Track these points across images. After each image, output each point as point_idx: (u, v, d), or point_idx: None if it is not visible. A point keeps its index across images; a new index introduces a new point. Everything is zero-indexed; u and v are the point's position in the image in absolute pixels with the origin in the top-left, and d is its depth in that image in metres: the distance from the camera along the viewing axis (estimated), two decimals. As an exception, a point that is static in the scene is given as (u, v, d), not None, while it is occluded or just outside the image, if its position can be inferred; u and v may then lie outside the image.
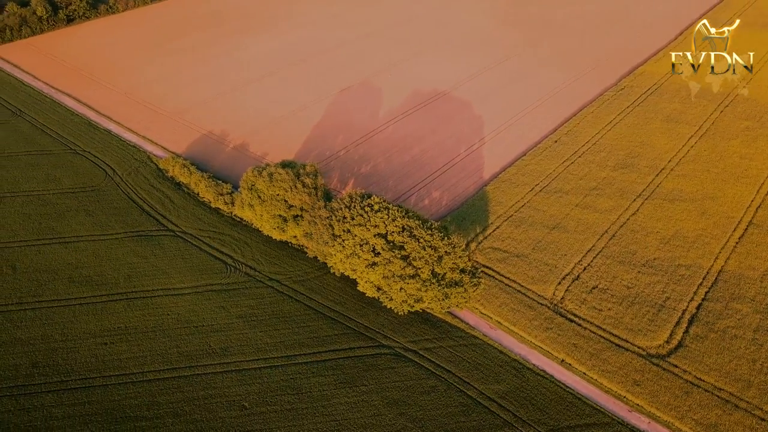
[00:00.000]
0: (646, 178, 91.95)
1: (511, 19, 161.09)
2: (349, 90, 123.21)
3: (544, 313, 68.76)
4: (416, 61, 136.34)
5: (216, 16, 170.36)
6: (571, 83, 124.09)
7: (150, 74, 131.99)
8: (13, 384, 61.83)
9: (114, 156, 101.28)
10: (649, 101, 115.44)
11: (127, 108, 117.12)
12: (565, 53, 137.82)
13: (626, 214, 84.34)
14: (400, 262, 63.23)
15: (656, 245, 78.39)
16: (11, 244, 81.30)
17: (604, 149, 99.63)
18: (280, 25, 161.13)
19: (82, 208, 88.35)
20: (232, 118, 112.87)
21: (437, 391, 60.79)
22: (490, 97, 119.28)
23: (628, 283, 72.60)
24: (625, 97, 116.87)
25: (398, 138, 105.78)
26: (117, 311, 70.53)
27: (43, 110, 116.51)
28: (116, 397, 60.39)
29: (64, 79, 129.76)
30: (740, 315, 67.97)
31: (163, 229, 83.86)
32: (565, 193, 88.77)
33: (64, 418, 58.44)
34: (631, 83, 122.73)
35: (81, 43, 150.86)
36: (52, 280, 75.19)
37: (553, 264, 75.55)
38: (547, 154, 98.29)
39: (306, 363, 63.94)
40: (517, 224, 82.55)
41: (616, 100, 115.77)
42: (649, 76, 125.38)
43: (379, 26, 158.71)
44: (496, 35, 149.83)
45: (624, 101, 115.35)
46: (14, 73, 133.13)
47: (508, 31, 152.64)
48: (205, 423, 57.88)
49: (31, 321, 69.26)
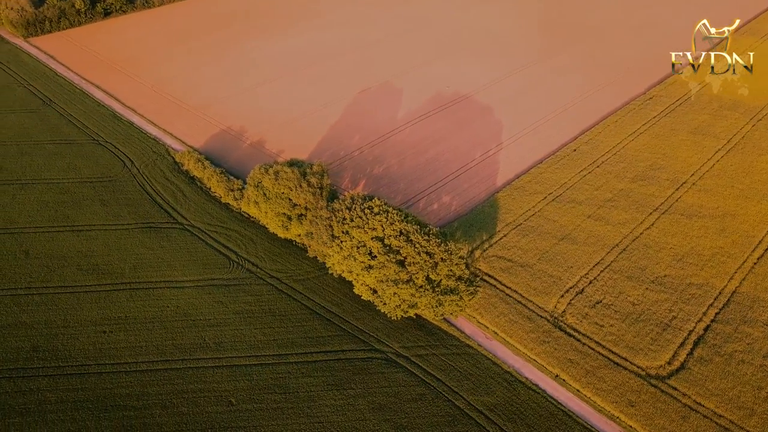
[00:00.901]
0: (666, 191, 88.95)
1: (542, 24, 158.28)
2: (369, 91, 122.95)
3: (543, 326, 67.12)
4: (440, 63, 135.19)
5: (247, 13, 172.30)
6: (598, 91, 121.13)
7: (177, 68, 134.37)
8: (13, 366, 63.51)
9: (134, 148, 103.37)
10: (677, 112, 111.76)
11: (152, 101, 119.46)
12: (594, 59, 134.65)
13: (640, 228, 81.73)
14: (395, 267, 62.59)
15: (668, 262, 75.71)
16: (27, 229, 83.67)
17: (625, 160, 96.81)
18: (306, 24, 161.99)
19: (97, 197, 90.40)
20: (251, 115, 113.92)
21: (425, 399, 59.95)
22: (513, 102, 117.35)
23: (635, 299, 70.29)
24: (653, 107, 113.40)
25: (414, 140, 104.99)
26: (119, 301, 71.84)
27: (72, 101, 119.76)
28: (108, 386, 61.46)
29: (95, 71, 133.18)
30: (750, 339, 65.03)
31: (173, 222, 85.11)
32: (578, 203, 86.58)
33: (56, 402, 59.74)
34: (660, 93, 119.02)
35: (115, 37, 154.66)
36: (61, 266, 77.07)
37: (558, 276, 73.72)
38: (564, 163, 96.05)
39: (297, 363, 63.91)
40: (525, 233, 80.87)
41: (643, 110, 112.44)
42: (681, 86, 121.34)
43: (405, 27, 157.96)
44: (525, 40, 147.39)
45: (651, 111, 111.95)
46: (49, 63, 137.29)
47: (537, 36, 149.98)
48: (191, 416, 58.40)
49: (37, 306, 71.11)
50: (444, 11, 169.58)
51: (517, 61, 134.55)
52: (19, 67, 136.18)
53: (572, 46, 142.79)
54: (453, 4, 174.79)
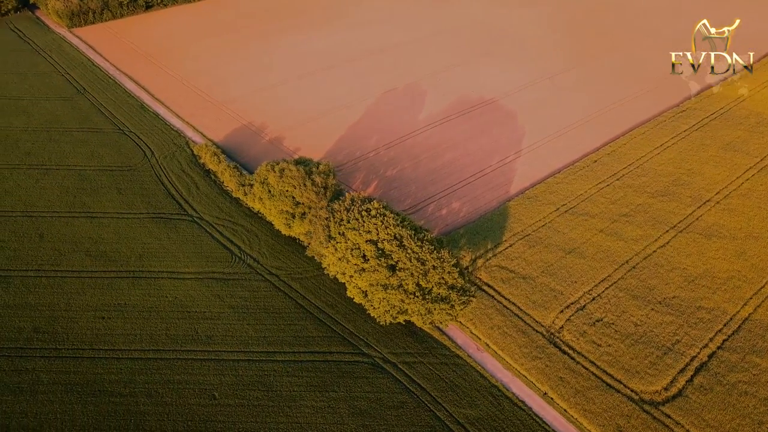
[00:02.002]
0: (686, 209, 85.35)
1: (577, 31, 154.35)
2: (394, 92, 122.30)
3: (537, 341, 65.23)
4: (468, 66, 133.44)
5: (283, 10, 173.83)
6: (629, 101, 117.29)
7: (208, 63, 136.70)
8: (13, 345, 65.61)
9: (156, 139, 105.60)
10: (710, 126, 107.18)
11: (180, 94, 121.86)
12: (629, 67, 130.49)
13: (654, 245, 78.64)
14: (386, 272, 61.87)
15: (679, 283, 72.55)
16: (44, 213, 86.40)
17: (647, 174, 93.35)
18: (339, 23, 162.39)
19: (115, 185, 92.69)
20: (273, 112, 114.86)
21: (406, 407, 59.06)
22: (538, 108, 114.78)
23: (638, 320, 67.58)
24: (684, 120, 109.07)
25: (431, 144, 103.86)
26: (121, 288, 73.39)
27: (104, 90, 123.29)
28: (100, 371, 62.79)
29: (129, 62, 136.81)
30: (757, 370, 61.63)
31: (183, 214, 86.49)
32: (591, 216, 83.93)
33: (49, 383, 61.38)
34: (694, 105, 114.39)
35: (153, 30, 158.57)
36: (71, 251, 79.27)
37: (560, 290, 71.57)
38: (582, 174, 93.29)
39: (283, 361, 63.93)
40: (532, 244, 78.85)
41: (673, 122, 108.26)
42: (717, 99, 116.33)
43: (437, 29, 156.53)
44: (558, 46, 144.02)
45: (682, 124, 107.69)
46: (88, 53, 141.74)
47: (571, 43, 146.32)
48: (174, 407, 59.09)
49: (43, 288, 73.31)
50: (478, 15, 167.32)
51: (547, 68, 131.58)
52: (60, 56, 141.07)
53: (608, 55, 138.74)
54: (489, 9, 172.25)
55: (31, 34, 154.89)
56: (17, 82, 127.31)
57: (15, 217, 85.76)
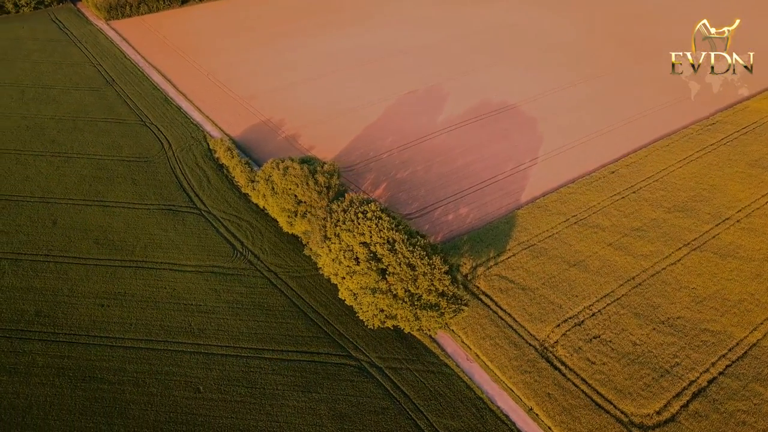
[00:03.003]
0: (703, 226, 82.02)
1: (609, 38, 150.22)
2: (415, 93, 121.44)
3: (529, 355, 63.60)
4: (494, 69, 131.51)
5: (315, 8, 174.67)
6: (657, 111, 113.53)
7: (234, 58, 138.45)
8: (15, 327, 67.60)
9: (175, 132, 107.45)
10: (740, 141, 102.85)
11: (203, 88, 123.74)
12: (660, 77, 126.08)
13: (664, 262, 75.80)
14: (375, 275, 61.27)
15: (686, 303, 69.71)
16: (60, 200, 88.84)
17: (666, 188, 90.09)
18: (366, 23, 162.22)
19: (130, 176, 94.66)
20: (293, 109, 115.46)
21: (387, 413, 58.38)
22: (561, 115, 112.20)
23: (637, 339, 65.20)
24: (713, 133, 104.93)
25: (447, 147, 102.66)
26: (123, 277, 74.82)
27: (132, 82, 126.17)
28: (92, 357, 64.10)
29: (159, 55, 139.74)
30: (759, 399, 58.68)
31: (192, 207, 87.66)
32: (601, 229, 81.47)
33: (43, 366, 63.00)
34: (725, 118, 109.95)
35: (186, 24, 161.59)
36: (81, 239, 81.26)
37: (559, 304, 69.64)
38: (598, 185, 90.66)
39: (270, 359, 64.05)
40: (536, 255, 77.00)
41: (701, 135, 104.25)
42: (752, 113, 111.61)
43: (464, 32, 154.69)
44: (590, 52, 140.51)
45: (710, 137, 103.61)
46: (121, 45, 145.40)
47: (604, 50, 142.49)
48: (158, 398, 59.85)
49: (50, 273, 75.34)
50: (508, 18, 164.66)
51: (575, 74, 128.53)
52: (94, 47, 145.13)
53: (639, 63, 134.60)
54: (519, 12, 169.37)
55: (70, 25, 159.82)
56: (51, 71, 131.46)
57: (32, 202, 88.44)
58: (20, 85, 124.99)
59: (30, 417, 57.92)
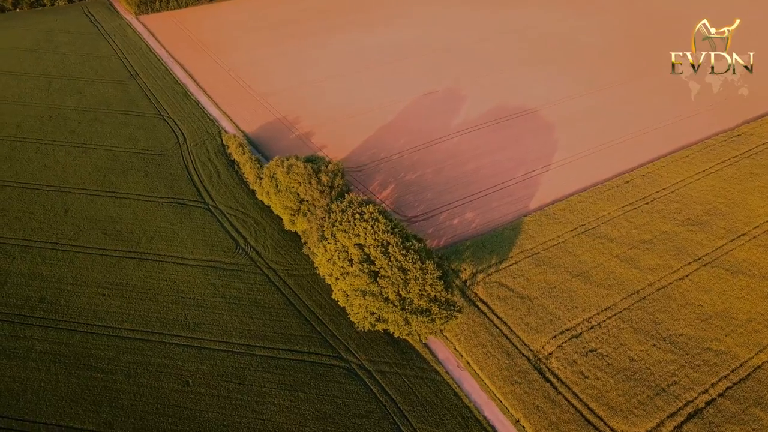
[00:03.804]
0: (717, 241, 79.39)
1: (637, 44, 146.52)
2: (433, 95, 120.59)
3: (521, 365, 62.41)
4: (516, 73, 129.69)
5: (341, 7, 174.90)
6: (680, 120, 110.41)
7: (256, 55, 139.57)
8: (18, 312, 69.32)
9: (191, 126, 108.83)
10: (764, 154, 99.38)
11: (222, 84, 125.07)
12: (687, 85, 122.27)
13: (671, 277, 73.59)
14: (367, 278, 60.88)
15: (690, 320, 67.52)
16: (74, 190, 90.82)
17: (681, 200, 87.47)
18: (391, 23, 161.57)
19: (143, 168, 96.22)
20: (309, 107, 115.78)
21: (371, 417, 57.99)
22: (579, 121, 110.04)
23: (635, 355, 63.41)
24: (736, 145, 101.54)
25: (459, 150, 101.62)
26: (126, 268, 76.04)
27: (155, 76, 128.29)
28: (88, 346, 65.30)
29: (183, 50, 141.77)
30: (758, 425, 56.45)
31: (200, 201, 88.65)
32: (609, 240, 79.52)
33: (41, 352, 64.43)
34: (751, 130, 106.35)
35: (213, 20, 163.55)
36: (90, 228, 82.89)
37: (558, 314, 68.20)
38: (610, 194, 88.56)
39: (261, 356, 64.28)
40: (539, 264, 75.58)
41: (723, 147, 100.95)
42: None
43: (493, 33, 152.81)
44: (615, 58, 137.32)
45: (732, 149, 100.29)
46: (148, 40, 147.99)
47: (628, 56, 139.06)
48: (148, 389, 60.63)
49: (57, 261, 77.05)
50: (534, 22, 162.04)
51: (597, 80, 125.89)
52: (122, 40, 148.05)
53: (666, 70, 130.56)
54: (546, 16, 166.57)
55: (101, 18, 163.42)
56: (78, 63, 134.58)
57: (47, 191, 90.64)
58: (48, 76, 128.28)
59: (23, 401, 59.28)
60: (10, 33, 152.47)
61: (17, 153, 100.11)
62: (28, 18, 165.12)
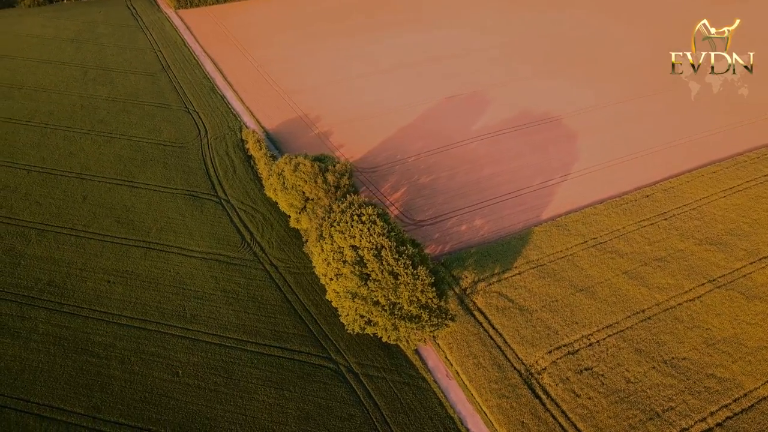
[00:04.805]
0: (735, 263, 75.89)
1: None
2: (456, 98, 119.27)
3: (511, 379, 60.97)
4: (543, 79, 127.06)
5: (377, 7, 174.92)
6: (713, 134, 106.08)
7: (288, 51, 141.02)
8: (27, 294, 71.66)
9: (214, 120, 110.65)
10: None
11: (249, 79, 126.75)
12: (724, 98, 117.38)
13: (681, 297, 70.71)
14: (357, 280, 60.53)
15: (695, 344, 64.70)
16: (95, 178, 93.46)
17: (702, 217, 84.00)
18: (426, 24, 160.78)
19: (162, 160, 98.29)
20: (332, 106, 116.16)
21: (353, 421, 57.62)
22: (605, 131, 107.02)
23: (633, 376, 61.14)
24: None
25: (476, 156, 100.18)
26: (134, 257, 77.75)
27: (185, 69, 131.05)
28: (88, 331, 66.96)
29: (216, 45, 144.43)
30: (755, 459, 53.60)
31: (212, 195, 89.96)
32: (620, 255, 76.99)
33: (43, 334, 66.43)
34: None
35: (249, 16, 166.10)
36: (104, 216, 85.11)
37: (556, 329, 66.38)
38: (627, 208, 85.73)
39: (252, 352, 64.67)
40: (543, 276, 73.75)
41: (755, 165, 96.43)
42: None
43: (524, 37, 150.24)
44: (648, 67, 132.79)
45: (764, 167, 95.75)
46: (183, 34, 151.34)
47: (664, 65, 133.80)
48: (139, 377, 61.75)
49: (69, 246, 79.37)
50: (570, 27, 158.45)
51: (628, 90, 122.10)
52: (159, 34, 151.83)
53: (701, 82, 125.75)
54: (586, 22, 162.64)
55: (141, 11, 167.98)
56: (115, 54, 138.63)
57: (70, 177, 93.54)
58: (85, 66, 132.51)
59: (20, 380, 61.20)
60: (56, 23, 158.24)
61: (46, 139, 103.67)
62: (75, 9, 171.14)
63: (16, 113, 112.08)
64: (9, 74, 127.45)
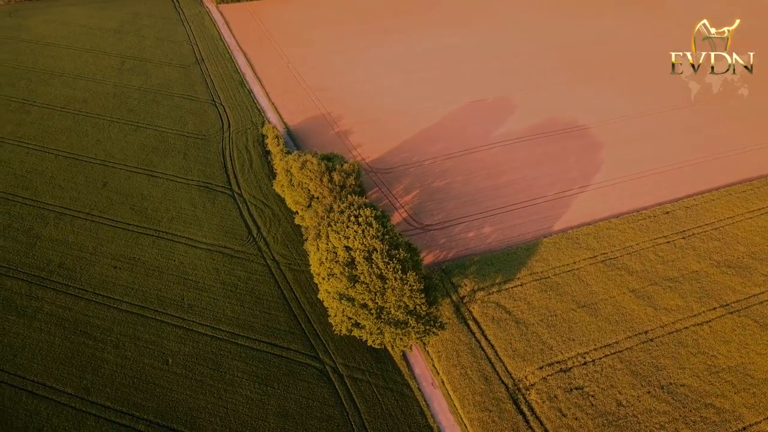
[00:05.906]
0: (752, 288, 72.19)
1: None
2: (481, 102, 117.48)
3: (497, 392, 59.56)
4: (573, 87, 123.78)
5: (413, 8, 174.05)
6: (748, 151, 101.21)
7: (320, 49, 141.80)
8: (37, 274, 74.31)
9: (238, 114, 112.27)
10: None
11: (279, 75, 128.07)
12: (763, 114, 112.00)
13: (689, 321, 67.66)
14: (346, 282, 60.24)
15: (697, 371, 61.79)
16: (117, 165, 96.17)
17: (723, 238, 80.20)
18: (461, 26, 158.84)
19: (183, 150, 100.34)
20: (355, 105, 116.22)
21: (332, 422, 57.42)
22: (631, 144, 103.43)
23: (625, 399, 58.85)
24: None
25: (494, 162, 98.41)
26: (143, 244, 79.59)
27: (218, 63, 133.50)
28: (89, 314, 68.92)
29: (251, 40, 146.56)
30: (745, 497, 50.75)
31: (226, 187, 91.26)
32: (629, 272, 74.25)
33: (47, 314, 68.74)
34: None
35: (286, 13, 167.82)
36: (121, 203, 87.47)
37: (551, 345, 64.52)
38: (644, 224, 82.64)
39: (242, 346, 65.27)
40: (545, 289, 71.82)
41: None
42: None
43: (559, 44, 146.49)
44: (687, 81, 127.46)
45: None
46: (221, 28, 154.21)
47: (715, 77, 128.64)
48: (130, 362, 63.17)
49: (84, 230, 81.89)
50: (610, 35, 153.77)
51: (661, 103, 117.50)
52: (198, 27, 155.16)
53: (736, 98, 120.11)
54: (624, 30, 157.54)
55: (184, 4, 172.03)
56: (153, 46, 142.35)
57: (94, 163, 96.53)
58: (123, 56, 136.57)
59: (20, 357, 63.50)
60: (102, 14, 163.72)
61: (77, 126, 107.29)
62: (121, 1, 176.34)
63: (53, 99, 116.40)
64: (51, 62, 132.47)
